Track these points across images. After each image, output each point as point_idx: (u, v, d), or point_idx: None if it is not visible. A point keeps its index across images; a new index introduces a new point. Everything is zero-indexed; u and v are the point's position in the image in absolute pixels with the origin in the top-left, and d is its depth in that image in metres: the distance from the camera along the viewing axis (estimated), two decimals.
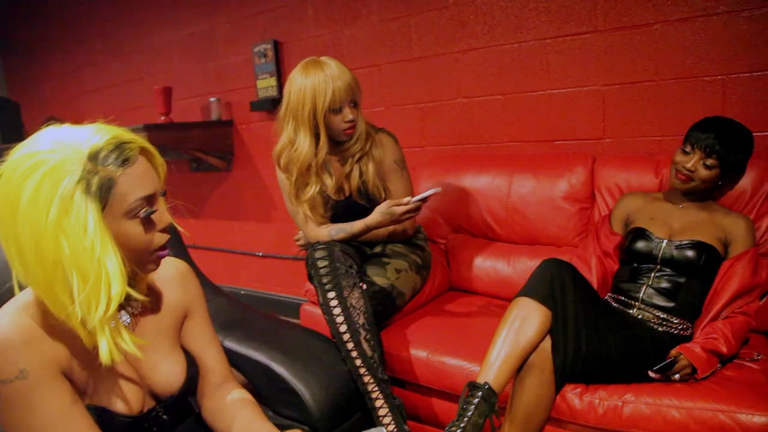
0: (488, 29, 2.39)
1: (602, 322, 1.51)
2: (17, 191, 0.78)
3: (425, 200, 1.72)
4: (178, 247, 1.66)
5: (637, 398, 1.41)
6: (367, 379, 1.53)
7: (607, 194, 2.04)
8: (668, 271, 1.65)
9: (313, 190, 1.85)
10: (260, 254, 3.54)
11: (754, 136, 1.67)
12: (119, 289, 0.83)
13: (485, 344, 1.49)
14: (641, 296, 1.65)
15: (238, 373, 1.41)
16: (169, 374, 1.04)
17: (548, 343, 1.45)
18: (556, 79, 2.27)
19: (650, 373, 1.46)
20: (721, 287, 1.58)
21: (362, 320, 1.60)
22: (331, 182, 1.88)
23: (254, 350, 1.46)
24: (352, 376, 1.53)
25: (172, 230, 0.96)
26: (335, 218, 1.93)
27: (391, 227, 1.88)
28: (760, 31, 1.86)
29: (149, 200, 0.87)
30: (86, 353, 0.89)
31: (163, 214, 0.91)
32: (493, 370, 1.42)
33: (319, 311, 1.72)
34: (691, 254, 1.62)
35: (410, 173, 2.00)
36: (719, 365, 1.49)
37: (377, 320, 1.69)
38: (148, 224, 0.88)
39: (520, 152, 2.40)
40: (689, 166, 1.64)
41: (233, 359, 1.35)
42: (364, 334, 1.58)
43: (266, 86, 3.14)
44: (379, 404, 1.52)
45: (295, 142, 1.80)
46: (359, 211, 1.87)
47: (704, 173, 1.63)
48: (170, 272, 1.11)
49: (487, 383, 1.40)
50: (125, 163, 0.84)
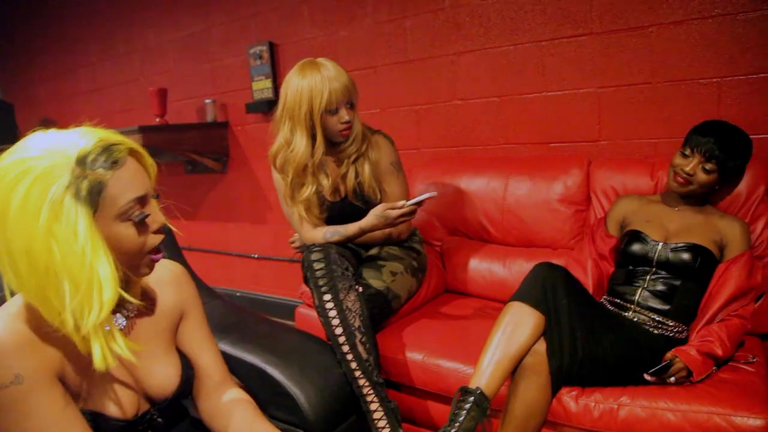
0: (484, 31, 2.40)
1: (597, 325, 1.51)
2: (7, 199, 0.77)
3: (420, 204, 1.71)
4: (172, 248, 1.66)
5: (632, 401, 1.41)
6: (362, 382, 1.52)
7: (602, 197, 2.04)
8: (664, 273, 1.65)
9: (309, 190, 1.85)
10: (256, 256, 3.53)
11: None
12: (111, 294, 0.82)
13: (481, 347, 1.49)
14: (637, 299, 1.65)
15: (232, 376, 1.40)
16: (164, 377, 1.03)
17: (544, 346, 1.44)
18: (551, 81, 2.27)
19: (646, 375, 1.47)
20: (716, 290, 1.58)
21: (358, 323, 1.59)
22: (327, 183, 1.87)
23: (249, 353, 1.45)
24: (347, 379, 1.53)
25: (166, 232, 0.96)
26: (330, 220, 1.92)
27: (387, 230, 1.88)
28: (755, 33, 1.86)
29: (141, 201, 0.87)
30: (81, 358, 0.88)
31: (156, 214, 0.91)
32: (485, 375, 1.42)
33: (314, 313, 1.71)
34: (686, 257, 1.62)
35: (406, 175, 2.00)
36: (715, 368, 1.49)
37: (373, 323, 1.68)
38: (141, 226, 0.88)
39: (515, 154, 2.40)
40: (688, 169, 1.64)
41: (228, 363, 1.34)
42: (359, 336, 1.58)
43: (261, 88, 3.13)
44: (374, 407, 1.52)
45: (291, 142, 1.80)
46: (354, 212, 1.87)
47: (703, 177, 1.63)
48: (165, 274, 1.11)
49: (479, 388, 1.40)
50: (114, 165, 0.83)
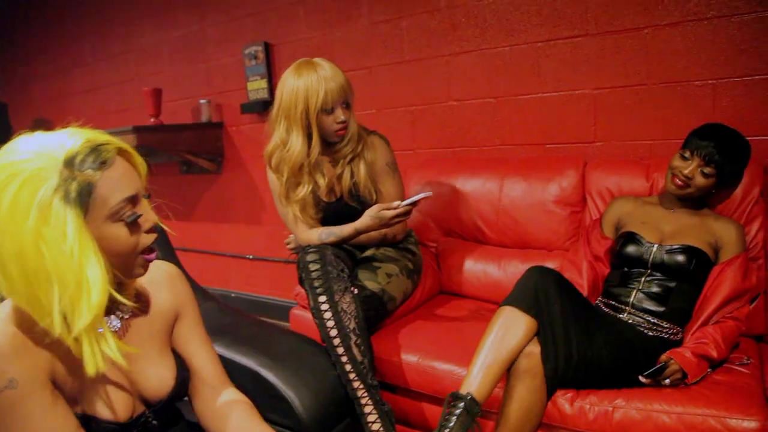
0: (479, 32, 2.39)
1: (592, 327, 1.51)
2: None
3: (415, 204, 1.71)
4: (165, 249, 1.65)
5: (627, 403, 1.40)
6: (356, 384, 1.51)
7: (598, 198, 2.04)
8: (659, 275, 1.65)
9: (305, 190, 1.84)
10: (250, 257, 3.52)
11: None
12: (100, 296, 0.81)
13: (475, 349, 1.48)
14: (632, 301, 1.65)
15: None
16: (159, 379, 1.03)
17: (539, 348, 1.43)
18: (547, 82, 2.27)
19: (641, 378, 1.46)
20: (711, 292, 1.58)
21: (353, 325, 1.59)
22: (323, 182, 1.87)
23: (243, 356, 1.44)
24: (341, 381, 1.52)
25: (159, 233, 0.95)
26: (325, 220, 1.91)
27: (383, 231, 1.87)
28: (749, 35, 1.87)
29: (132, 201, 0.86)
30: (74, 361, 0.87)
31: (147, 213, 0.90)
32: (476, 380, 1.42)
33: (308, 315, 1.70)
34: (681, 259, 1.61)
35: (401, 176, 1.99)
36: (709, 369, 1.49)
37: (368, 325, 1.67)
38: (133, 225, 0.87)
39: (511, 155, 2.40)
40: (687, 172, 1.63)
41: None
42: (354, 339, 1.57)
43: (257, 88, 3.12)
44: (368, 410, 1.51)
45: (287, 142, 1.79)
46: (350, 213, 1.86)
47: (701, 181, 1.63)
48: (160, 275, 1.10)
49: (470, 394, 1.40)
50: (103, 165, 0.82)
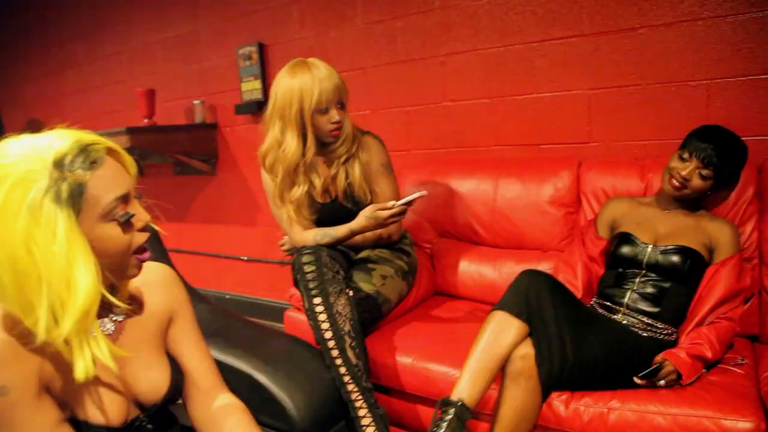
0: (474, 32, 2.39)
1: (586, 329, 1.50)
2: None
3: (410, 204, 1.70)
4: (158, 251, 1.63)
5: (622, 405, 1.40)
6: (351, 387, 1.51)
7: (593, 198, 2.03)
8: (653, 276, 1.64)
9: (300, 190, 1.83)
10: (245, 258, 3.50)
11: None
12: (90, 298, 0.81)
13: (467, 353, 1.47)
14: (626, 301, 1.64)
15: None
16: (153, 382, 1.02)
17: (533, 350, 1.43)
18: (542, 82, 2.27)
19: (636, 379, 1.46)
20: (706, 292, 1.58)
21: (348, 327, 1.58)
22: (319, 182, 1.86)
23: (236, 359, 1.43)
24: (335, 384, 1.51)
25: (151, 233, 0.94)
26: (320, 221, 1.90)
27: (378, 231, 1.86)
28: (744, 36, 1.87)
29: (124, 200, 0.86)
30: (66, 365, 0.86)
31: (139, 212, 0.90)
32: (467, 385, 1.41)
33: (303, 317, 1.69)
34: (676, 259, 1.61)
35: (396, 176, 1.99)
36: (704, 370, 1.49)
37: (362, 327, 1.66)
38: (126, 225, 0.87)
39: (506, 156, 2.39)
40: (684, 174, 1.63)
41: None
42: (349, 341, 1.56)
43: (251, 89, 3.11)
44: (362, 413, 1.50)
45: (282, 142, 1.78)
46: (344, 214, 1.85)
47: (698, 183, 1.63)
48: (154, 277, 1.09)
49: (460, 400, 1.39)
50: (93, 165, 0.82)
